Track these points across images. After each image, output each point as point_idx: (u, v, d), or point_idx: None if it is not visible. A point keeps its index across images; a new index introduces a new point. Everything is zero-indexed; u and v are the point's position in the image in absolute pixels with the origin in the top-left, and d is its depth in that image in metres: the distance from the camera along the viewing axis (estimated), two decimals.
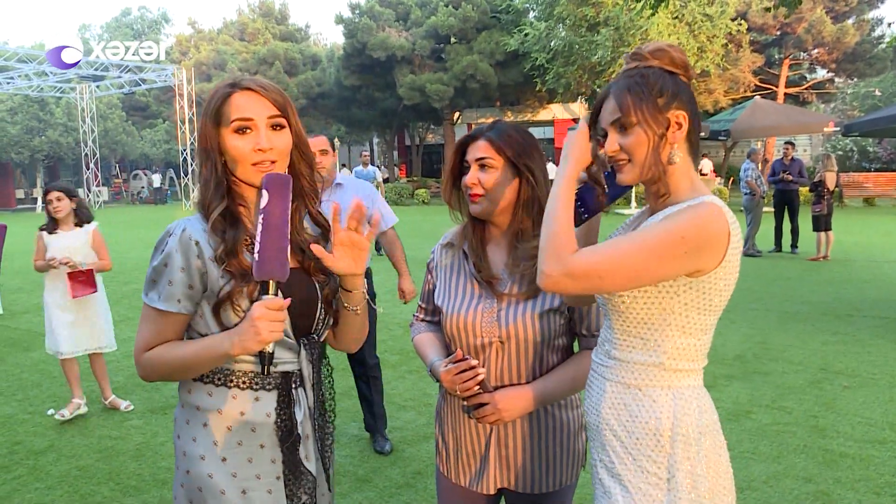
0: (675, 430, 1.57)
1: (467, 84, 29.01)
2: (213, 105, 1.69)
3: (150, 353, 1.68)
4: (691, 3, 23.10)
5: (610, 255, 1.49)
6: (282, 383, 1.71)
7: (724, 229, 1.51)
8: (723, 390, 5.38)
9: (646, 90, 1.58)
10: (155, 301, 1.65)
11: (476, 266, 2.05)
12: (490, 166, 1.99)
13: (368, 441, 4.63)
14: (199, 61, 32.46)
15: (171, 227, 1.67)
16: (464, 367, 1.89)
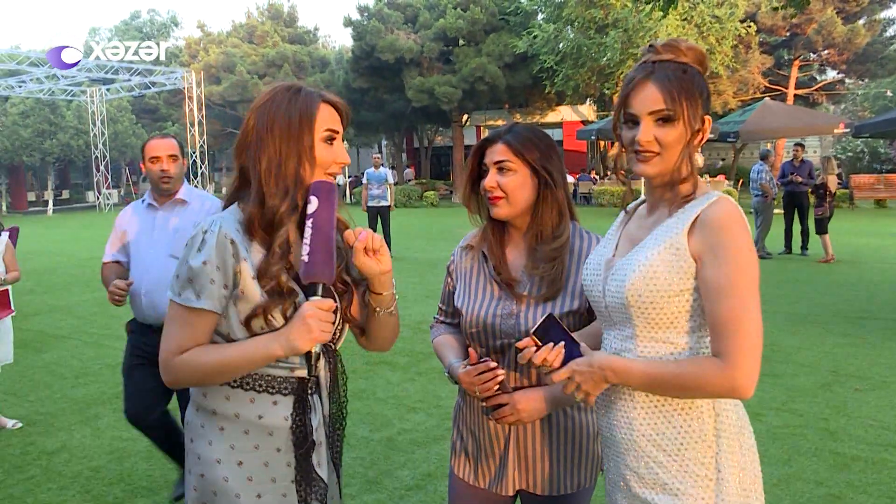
0: (718, 426, 1.57)
1: (476, 86, 28.99)
2: (308, 108, 1.69)
3: (185, 357, 1.63)
4: (700, 5, 23.05)
5: (747, 330, 1.47)
6: (298, 388, 1.71)
7: (744, 216, 1.56)
8: None
9: (692, 87, 1.58)
10: (192, 301, 1.61)
11: (495, 268, 2.07)
12: (509, 169, 2.00)
13: (378, 443, 4.64)
14: (208, 64, 32.56)
15: (206, 225, 1.64)
16: (482, 368, 1.90)
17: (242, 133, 1.73)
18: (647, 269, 1.58)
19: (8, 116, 35.90)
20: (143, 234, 3.68)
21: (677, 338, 1.59)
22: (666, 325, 1.59)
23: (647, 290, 1.58)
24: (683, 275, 1.55)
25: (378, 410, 5.24)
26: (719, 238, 1.51)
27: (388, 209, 13.57)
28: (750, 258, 1.50)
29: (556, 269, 1.97)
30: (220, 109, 33.98)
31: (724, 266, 1.49)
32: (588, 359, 1.62)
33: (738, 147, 28.34)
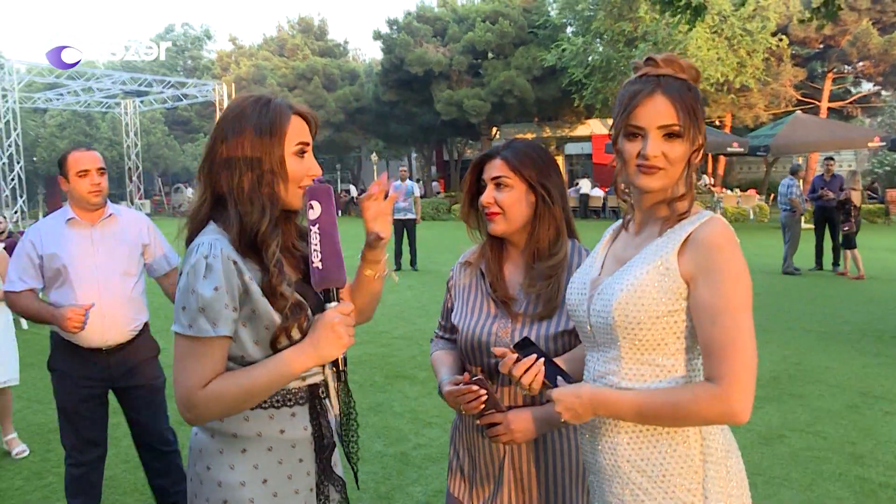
0: (705, 451, 1.53)
1: (504, 99, 29.02)
2: (277, 121, 1.66)
3: (210, 389, 1.57)
4: (731, 18, 22.83)
5: (741, 353, 1.43)
6: (310, 396, 1.73)
7: (735, 237, 1.53)
8: (755, 413, 5.20)
9: (696, 104, 1.56)
10: (208, 331, 1.55)
11: (492, 285, 2.05)
12: (506, 185, 1.99)
13: (392, 458, 4.60)
14: (239, 76, 32.96)
15: (205, 249, 1.58)
16: (464, 390, 1.88)
17: (210, 149, 1.68)
18: (635, 288, 1.54)
19: (46, 128, 36.71)
20: (82, 254, 3.39)
21: (664, 360, 1.55)
22: (652, 346, 1.55)
23: (634, 311, 1.53)
24: (672, 295, 1.51)
25: (394, 425, 5.20)
26: (712, 259, 1.47)
27: (414, 222, 13.58)
28: (744, 279, 1.46)
29: (552, 288, 1.95)
30: None
31: (718, 287, 1.46)
32: (576, 389, 1.58)
33: (770, 161, 27.97)
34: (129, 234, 3.53)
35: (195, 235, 1.66)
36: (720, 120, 27.80)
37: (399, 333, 8.26)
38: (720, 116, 27.49)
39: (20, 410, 5.81)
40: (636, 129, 1.55)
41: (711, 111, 26.63)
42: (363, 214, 1.77)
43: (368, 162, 38.96)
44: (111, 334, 3.41)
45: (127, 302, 3.48)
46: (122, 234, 3.50)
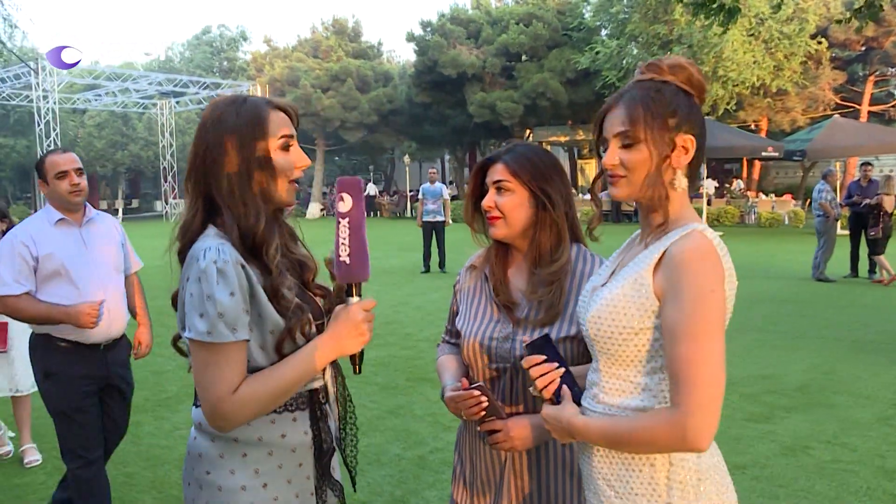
0: (671, 476, 1.47)
1: (538, 102, 28.91)
2: (257, 117, 1.63)
3: (241, 393, 1.55)
4: (769, 21, 22.49)
5: (701, 378, 1.36)
6: (311, 400, 1.72)
7: (717, 252, 1.44)
8: (780, 422, 5.14)
9: (659, 106, 1.49)
10: (228, 336, 1.53)
11: (495, 289, 2.03)
12: (507, 189, 1.97)
13: (410, 461, 4.58)
14: (273, 78, 33.20)
15: (213, 254, 1.54)
16: (465, 396, 1.86)
17: (194, 157, 1.66)
18: (609, 302, 1.51)
19: (85, 128, 37.40)
20: (78, 253, 3.44)
21: (639, 378, 1.51)
22: (626, 362, 1.52)
23: (606, 325, 1.51)
24: (645, 312, 1.47)
25: (413, 428, 5.18)
26: (680, 276, 1.41)
27: (443, 224, 13.58)
28: (710, 300, 1.39)
29: (554, 294, 1.91)
30: None
31: (682, 307, 1.40)
32: (560, 411, 1.57)
33: (807, 166, 27.50)
34: (110, 233, 3.64)
35: (189, 246, 1.63)
36: (756, 124, 27.42)
37: (424, 336, 8.25)
38: (756, 120, 27.11)
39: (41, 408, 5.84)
40: (603, 139, 1.58)
41: (747, 115, 26.26)
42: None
43: (401, 164, 39.06)
44: (114, 328, 3.52)
45: (122, 297, 3.62)
46: (106, 234, 3.61)
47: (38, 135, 24.05)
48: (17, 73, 25.57)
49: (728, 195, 26.29)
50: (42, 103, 23.63)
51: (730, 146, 19.54)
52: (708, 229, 1.47)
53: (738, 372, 6.38)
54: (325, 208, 36.01)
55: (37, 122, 23.87)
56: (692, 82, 1.53)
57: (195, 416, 1.72)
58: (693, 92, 1.54)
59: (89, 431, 3.48)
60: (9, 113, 35.17)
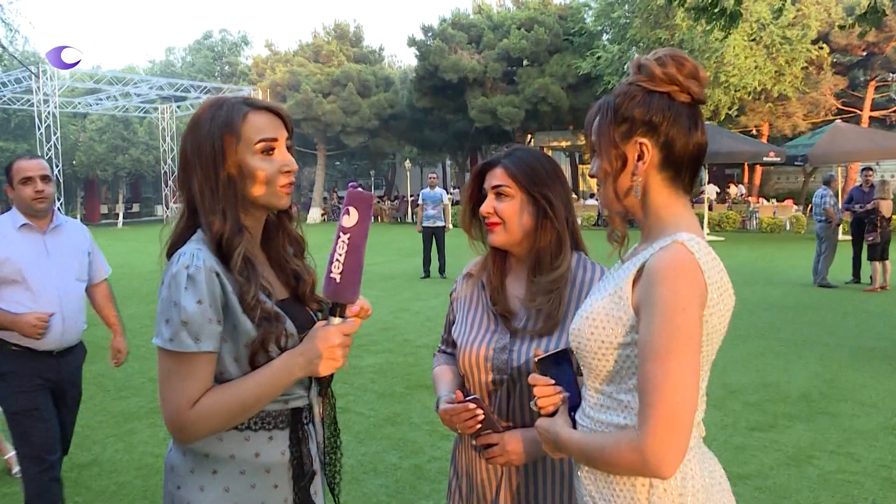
0: (651, 498, 1.39)
1: (539, 107, 28.87)
2: (230, 122, 1.58)
3: (200, 407, 1.49)
4: (770, 26, 22.45)
5: (664, 401, 1.28)
6: (293, 420, 1.64)
7: (697, 266, 1.34)
8: (783, 431, 5.05)
9: (608, 115, 1.44)
10: (191, 345, 1.48)
11: (492, 298, 1.97)
12: (506, 195, 1.91)
13: (406, 471, 4.50)
14: (275, 82, 33.17)
15: (186, 259, 1.51)
16: (460, 409, 1.79)
17: (179, 159, 1.64)
18: (588, 315, 1.45)
19: (86, 132, 37.41)
20: (38, 260, 3.42)
21: (618, 394, 1.44)
22: (607, 378, 1.45)
23: (586, 339, 1.45)
24: (623, 327, 1.40)
25: (411, 436, 5.11)
26: (651, 291, 1.34)
27: (443, 230, 13.53)
28: (680, 317, 1.30)
29: (553, 303, 1.85)
30: None
31: (650, 323, 1.32)
32: (551, 424, 1.52)
33: (809, 171, 27.43)
34: (76, 241, 3.62)
35: (176, 248, 1.60)
36: (757, 129, 27.37)
37: (423, 342, 8.18)
38: (757, 125, 27.07)
39: None
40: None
41: (748, 120, 26.21)
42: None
43: (402, 168, 39.05)
44: (68, 336, 3.50)
45: (80, 307, 3.59)
46: (71, 242, 3.59)
47: (38, 139, 24.03)
48: (17, 77, 25.56)
49: (729, 200, 26.23)
50: (42, 107, 23.60)
51: (731, 151, 19.50)
52: (694, 239, 1.37)
53: (740, 379, 6.31)
54: (326, 213, 35.96)
55: (37, 126, 23.84)
56: (655, 79, 1.43)
57: None
58: (661, 89, 1.43)
59: (48, 432, 3.43)
60: (10, 117, 35.15)
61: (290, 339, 1.59)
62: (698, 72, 1.45)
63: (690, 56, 6.05)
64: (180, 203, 1.66)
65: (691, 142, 1.44)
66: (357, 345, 7.91)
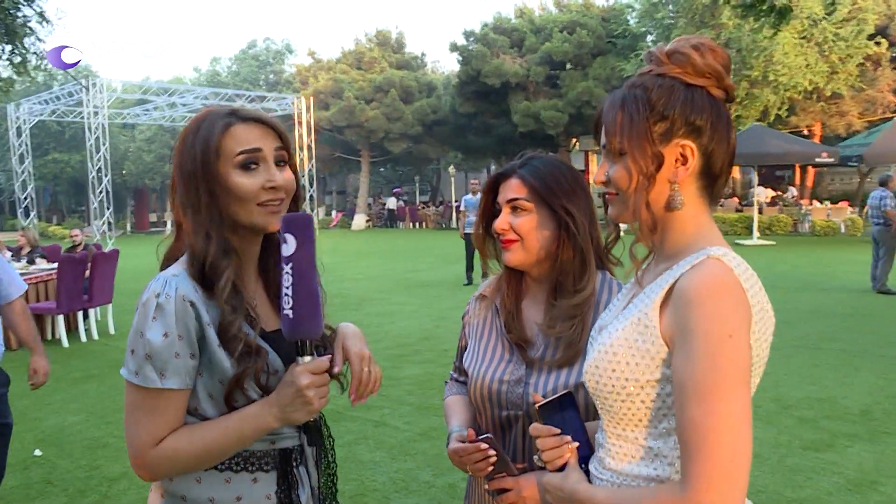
0: None
1: (582, 110, 28.54)
2: (209, 135, 1.44)
3: (164, 447, 1.38)
4: (822, 22, 21.78)
5: (714, 449, 1.08)
6: (281, 462, 1.48)
7: (738, 284, 1.14)
8: (843, 452, 4.73)
9: (641, 111, 1.21)
10: (155, 381, 1.36)
11: (506, 325, 1.76)
12: (523, 209, 1.71)
13: (440, 489, 4.33)
14: (318, 90, 33.37)
15: (157, 287, 1.39)
16: (471, 449, 1.61)
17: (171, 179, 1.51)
18: (609, 349, 1.23)
19: (135, 142, 38.18)
20: None
21: (649, 441, 1.22)
22: (632, 422, 1.23)
23: (606, 377, 1.23)
24: (651, 361, 1.18)
25: (446, 452, 4.92)
26: (688, 317, 1.12)
27: None
28: (729, 348, 1.10)
29: (576, 330, 1.65)
30: (329, 134, 34.81)
31: (692, 357, 1.11)
32: (562, 480, 1.30)
33: (865, 172, 26.55)
34: None
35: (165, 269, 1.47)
36: (809, 129, 26.58)
37: None
38: (809, 125, 26.28)
39: (75, 424, 5.80)
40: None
41: (799, 120, 25.48)
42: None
43: (447, 174, 38.99)
44: None
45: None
46: None
47: (88, 150, 24.49)
48: (70, 91, 26.13)
49: (780, 203, 25.53)
50: (92, 119, 24.04)
51: (781, 153, 18.94)
52: (730, 254, 1.17)
53: (793, 393, 5.98)
54: (371, 220, 36.07)
55: (87, 137, 24.30)
56: (698, 70, 1.23)
57: None
58: (703, 83, 1.23)
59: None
60: (64, 129, 35.99)
61: (272, 377, 1.43)
62: (730, 64, 1.26)
63: (738, 55, 5.70)
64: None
65: (729, 147, 1.25)
66: (396, 355, 7.78)
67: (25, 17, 12.57)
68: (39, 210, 35.29)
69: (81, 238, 10.40)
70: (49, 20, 12.96)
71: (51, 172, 36.50)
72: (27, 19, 12.54)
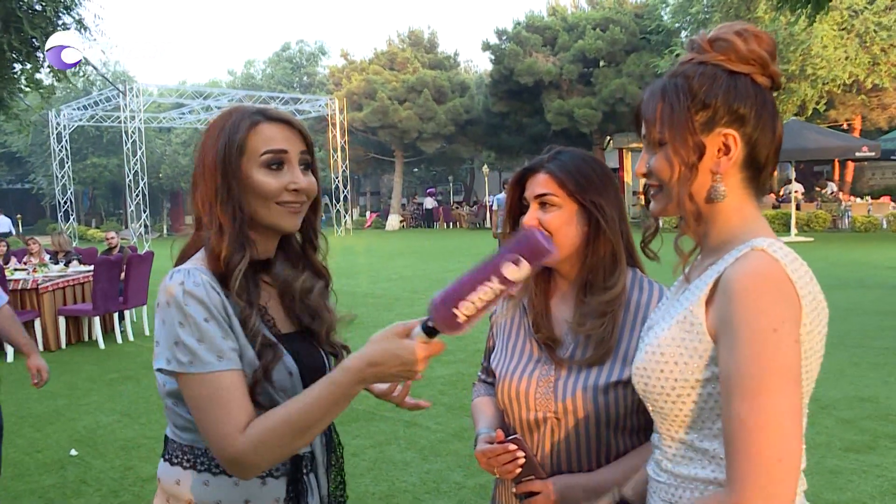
0: None
1: (616, 108, 28.33)
2: (235, 131, 1.42)
3: (253, 432, 1.28)
4: (864, 13, 21.30)
5: (759, 449, 1.03)
6: (291, 469, 1.45)
7: (785, 276, 1.08)
8: (885, 454, 4.59)
9: (682, 100, 1.17)
10: (213, 363, 1.29)
11: (535, 324, 1.72)
12: (552, 204, 1.66)
13: (471, 490, 4.30)
14: (351, 91, 33.52)
15: (180, 276, 1.34)
16: (500, 450, 1.58)
17: (192, 174, 1.50)
18: (656, 349, 1.19)
19: (171, 146, 38.74)
20: None
21: (704, 443, 1.17)
22: (685, 423, 1.18)
23: (655, 378, 1.19)
24: (700, 360, 1.14)
25: None
26: (731, 310, 1.08)
27: None
28: (774, 342, 1.04)
29: (606, 328, 1.60)
30: (363, 135, 34.97)
31: (736, 352, 1.06)
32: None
33: None
34: None
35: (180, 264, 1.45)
36: (848, 123, 26.04)
37: None
38: (848, 119, 25.75)
39: (109, 424, 5.87)
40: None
41: (838, 114, 24.99)
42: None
43: (480, 173, 38.95)
44: None
45: None
46: None
47: (125, 154, 24.91)
48: (108, 96, 26.61)
49: (819, 199, 25.04)
50: (129, 123, 24.45)
51: (819, 147, 18.58)
52: (777, 244, 1.12)
53: (833, 393, 5.84)
54: (405, 220, 36.12)
55: (124, 141, 24.72)
56: (742, 58, 1.19)
57: (159, 468, 1.51)
58: (747, 70, 1.19)
59: None
60: (102, 133, 36.64)
61: (287, 378, 1.41)
62: (776, 50, 1.21)
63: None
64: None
65: (775, 136, 1.21)
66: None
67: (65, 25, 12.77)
68: (79, 213, 35.97)
69: (117, 241, 10.55)
70: (88, 27, 13.17)
71: (89, 177, 37.16)
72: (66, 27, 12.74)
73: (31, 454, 5.22)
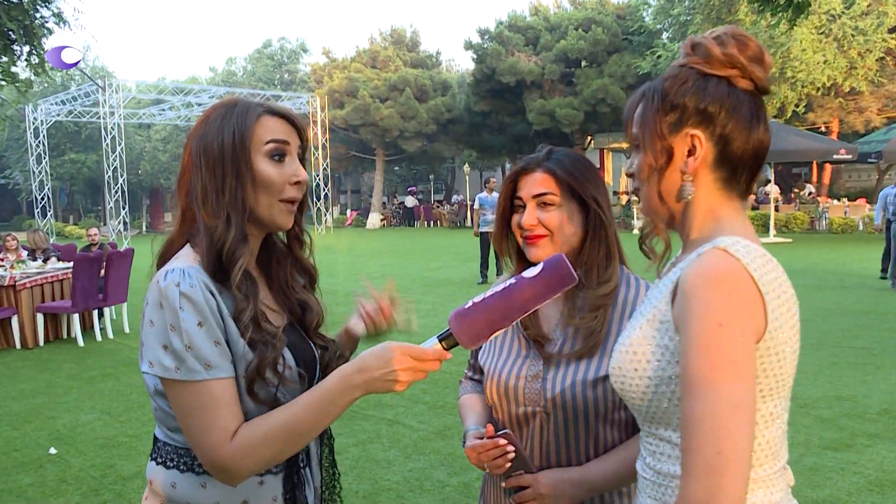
0: None
1: (598, 108, 28.45)
2: (243, 120, 1.41)
3: (242, 438, 1.28)
4: (842, 17, 21.54)
5: (700, 443, 1.03)
6: (288, 464, 1.45)
7: (742, 273, 1.09)
8: (863, 451, 4.65)
9: (655, 101, 1.20)
10: (200, 372, 1.28)
11: (522, 321, 1.72)
12: (551, 203, 1.67)
13: (454, 488, 4.31)
14: (332, 89, 33.43)
15: (175, 277, 1.31)
16: (490, 445, 1.58)
17: (181, 164, 1.46)
18: (629, 348, 1.21)
19: (151, 142, 38.41)
20: None
21: (678, 439, 1.16)
22: (663, 420, 1.19)
23: (630, 377, 1.20)
24: (671, 356, 1.15)
25: (460, 452, 4.84)
26: (684, 307, 1.09)
27: None
28: (719, 338, 1.05)
29: (598, 321, 1.62)
30: (344, 133, 34.88)
31: (685, 347, 1.08)
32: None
33: (884, 168, 26.28)
34: None
35: (166, 261, 1.42)
36: (826, 126, 26.32)
37: None
38: (826, 122, 26.02)
39: (89, 422, 5.82)
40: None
41: (817, 116, 25.24)
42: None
43: (461, 172, 38.97)
44: None
45: None
46: None
47: (104, 150, 24.66)
48: (86, 91, 26.34)
49: (797, 200, 25.30)
50: (108, 119, 24.21)
51: (798, 150, 18.75)
52: (741, 242, 1.13)
53: (812, 392, 5.91)
54: (386, 219, 36.06)
55: (103, 137, 24.48)
56: (712, 60, 1.20)
57: (148, 471, 1.48)
58: (721, 74, 1.21)
59: None
60: (80, 129, 36.26)
61: (287, 370, 1.40)
62: (763, 55, 1.22)
63: None
64: (176, 212, 1.49)
65: (752, 137, 1.20)
66: None
67: (43, 18, 12.61)
68: (56, 210, 35.61)
69: (99, 237, 10.45)
70: (66, 21, 13.01)
71: (67, 172, 36.75)
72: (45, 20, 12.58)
73: (8, 453, 5.16)
